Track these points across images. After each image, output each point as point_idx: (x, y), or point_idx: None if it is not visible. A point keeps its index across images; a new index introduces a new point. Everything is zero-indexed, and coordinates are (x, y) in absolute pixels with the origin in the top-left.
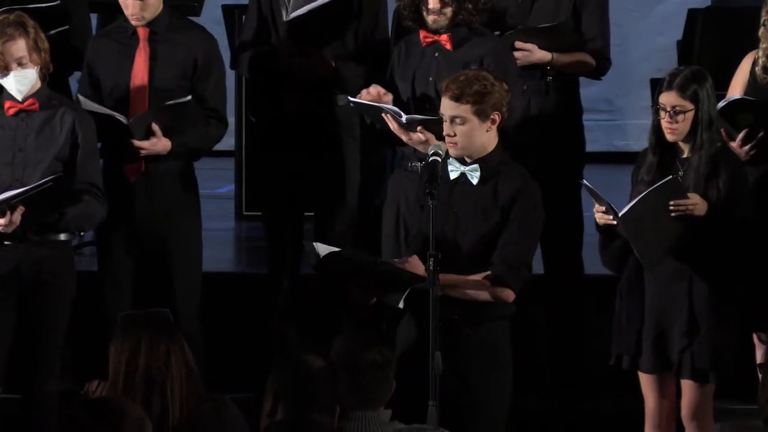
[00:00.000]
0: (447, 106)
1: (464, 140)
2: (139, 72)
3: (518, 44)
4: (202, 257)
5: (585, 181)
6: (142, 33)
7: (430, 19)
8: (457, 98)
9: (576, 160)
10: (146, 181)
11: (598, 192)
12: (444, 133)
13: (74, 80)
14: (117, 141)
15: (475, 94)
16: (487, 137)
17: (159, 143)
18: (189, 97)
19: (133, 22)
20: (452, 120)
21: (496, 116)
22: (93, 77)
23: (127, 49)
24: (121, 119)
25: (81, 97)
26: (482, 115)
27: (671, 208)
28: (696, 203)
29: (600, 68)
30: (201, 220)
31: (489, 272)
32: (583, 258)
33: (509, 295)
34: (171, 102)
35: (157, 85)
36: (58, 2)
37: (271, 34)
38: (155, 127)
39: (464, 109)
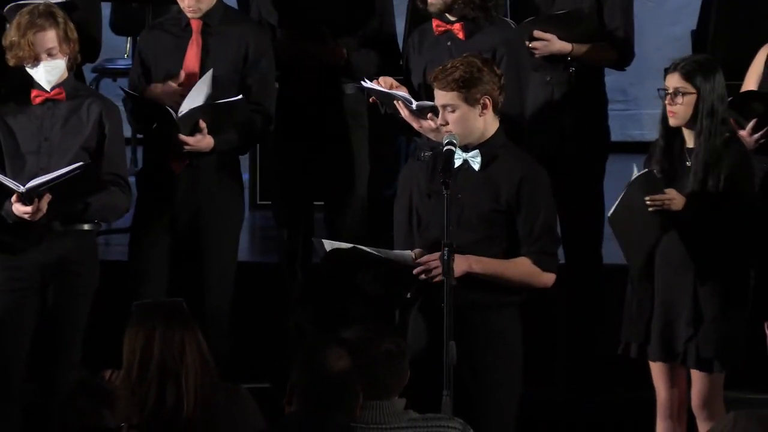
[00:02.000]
0: (437, 95)
1: (458, 127)
2: (191, 64)
3: (537, 34)
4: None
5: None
6: (196, 25)
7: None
8: (443, 86)
9: (600, 150)
10: (190, 171)
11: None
12: (439, 123)
13: (87, 69)
14: (162, 133)
15: (460, 81)
16: (482, 122)
17: (203, 140)
18: (240, 96)
19: (189, 15)
20: (444, 108)
21: (487, 101)
22: (145, 68)
23: (180, 41)
24: (172, 113)
25: (128, 92)
26: (470, 100)
27: (648, 202)
28: (673, 198)
29: (624, 59)
30: (243, 211)
31: (528, 260)
32: (602, 249)
33: (552, 279)
34: (222, 101)
35: None
36: None
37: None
38: (202, 124)
39: (451, 97)
